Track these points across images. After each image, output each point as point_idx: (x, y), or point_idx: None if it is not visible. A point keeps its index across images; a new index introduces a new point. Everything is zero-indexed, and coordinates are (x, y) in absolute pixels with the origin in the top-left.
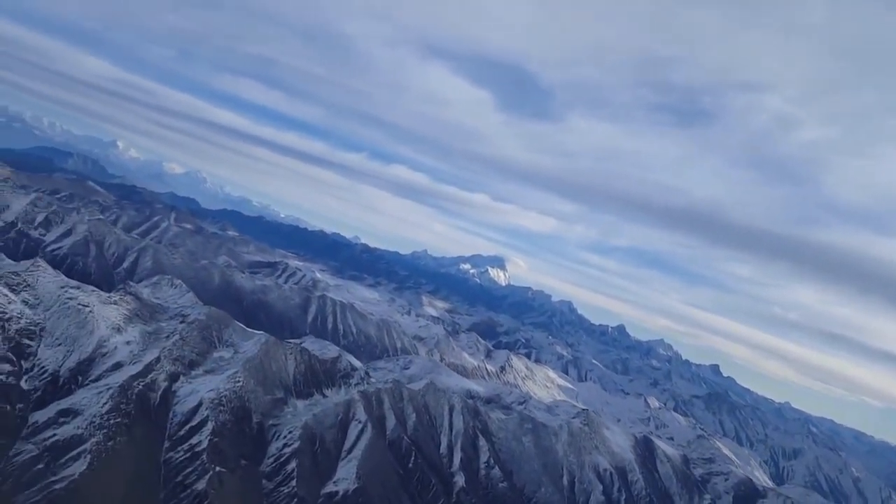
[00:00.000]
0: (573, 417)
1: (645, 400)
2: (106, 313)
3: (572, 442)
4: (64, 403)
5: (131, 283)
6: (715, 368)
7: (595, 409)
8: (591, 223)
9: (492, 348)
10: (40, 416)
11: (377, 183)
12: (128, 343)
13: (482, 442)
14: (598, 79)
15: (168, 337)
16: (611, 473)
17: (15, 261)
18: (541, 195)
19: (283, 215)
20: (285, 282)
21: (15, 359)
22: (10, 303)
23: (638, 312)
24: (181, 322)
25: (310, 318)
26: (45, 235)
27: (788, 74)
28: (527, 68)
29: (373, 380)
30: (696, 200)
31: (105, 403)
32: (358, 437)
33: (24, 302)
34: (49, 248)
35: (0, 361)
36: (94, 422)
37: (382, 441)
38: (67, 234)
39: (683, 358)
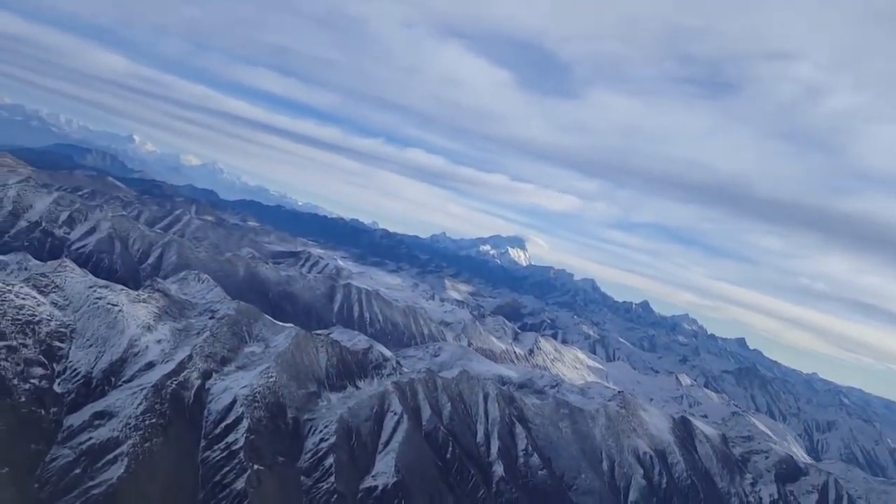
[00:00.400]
0: (609, 400)
1: (676, 377)
2: (135, 312)
3: (610, 426)
4: (98, 406)
5: (159, 280)
6: (741, 342)
7: (626, 388)
8: (613, 200)
9: (519, 331)
10: (75, 419)
11: (393, 168)
12: (159, 341)
13: (519, 429)
14: (620, 53)
15: (198, 334)
16: (651, 457)
17: (41, 261)
18: (561, 173)
19: (300, 203)
20: (309, 271)
21: (47, 362)
22: (39, 305)
23: (661, 288)
24: (210, 318)
25: (336, 308)
26: (69, 234)
27: (818, 41)
28: (547, 45)
29: (405, 370)
30: (722, 174)
31: (139, 404)
32: (394, 430)
33: (54, 303)
34: (74, 247)
35: (32, 365)
36: (129, 423)
37: (419, 432)
38: (91, 231)
39: (709, 332)
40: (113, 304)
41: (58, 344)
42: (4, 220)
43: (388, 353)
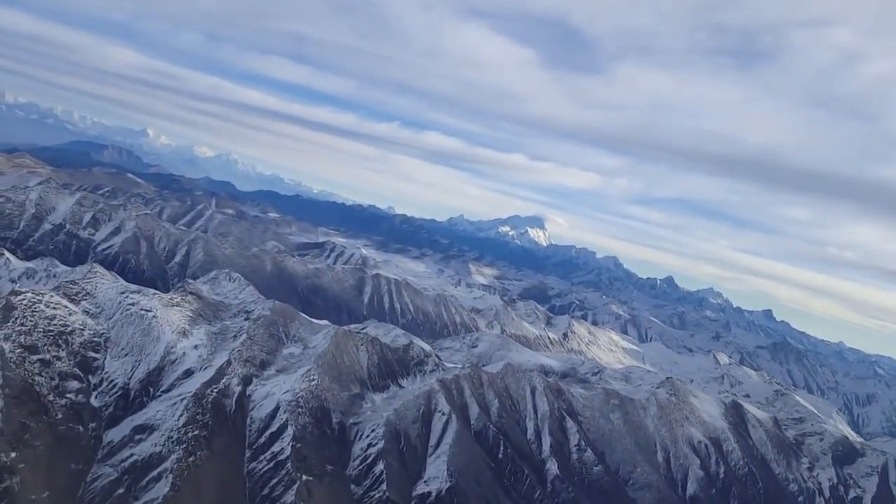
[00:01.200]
0: (657, 387)
1: (714, 356)
2: (169, 317)
3: (662, 415)
4: (138, 419)
5: (190, 281)
6: (768, 314)
7: (663, 370)
8: (636, 176)
9: (551, 315)
10: (115, 434)
11: (410, 152)
12: (195, 347)
13: (570, 423)
14: (649, 26)
15: (235, 337)
16: (706, 445)
17: (67, 264)
18: (582, 151)
19: (315, 191)
20: (334, 262)
21: (82, 374)
22: (70, 314)
23: (682, 262)
24: (246, 319)
25: (366, 299)
26: (94, 235)
27: (859, 5)
28: (573, 21)
29: (447, 365)
30: (751, 146)
31: (181, 416)
32: (443, 431)
33: (86, 312)
34: (99, 248)
35: (67, 379)
36: (171, 437)
37: (468, 432)
38: (116, 231)
39: (735, 305)
40: (146, 310)
41: (92, 354)
42: (28, 223)
43: (427, 347)
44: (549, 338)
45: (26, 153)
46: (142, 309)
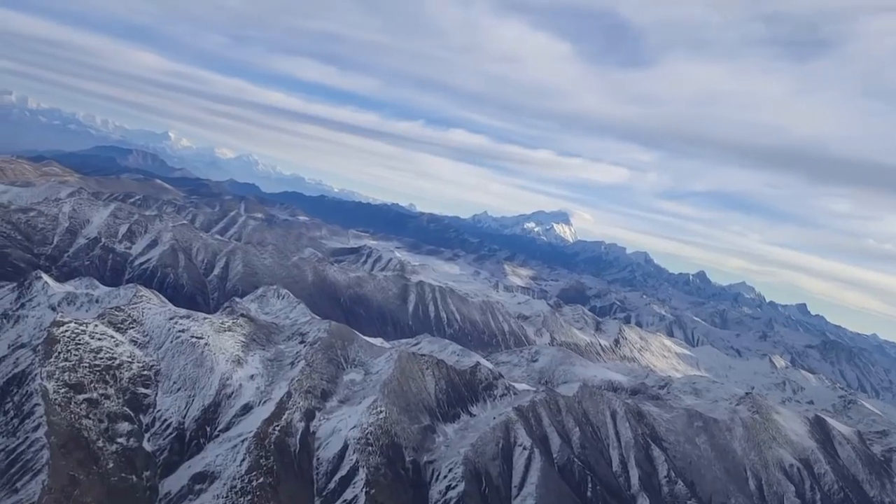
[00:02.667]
0: (737, 403)
1: (770, 359)
2: (222, 343)
3: (749, 436)
4: (196, 465)
5: (238, 301)
6: (802, 308)
7: (719, 376)
8: (667, 170)
9: (599, 319)
10: (172, 484)
11: (433, 149)
12: (251, 377)
13: (656, 451)
14: (701, 17)
15: (292, 364)
16: (798, 469)
17: (104, 280)
18: (614, 146)
19: (336, 190)
20: (371, 268)
21: (133, 414)
22: (117, 345)
23: (710, 255)
24: (301, 342)
25: (410, 309)
26: (130, 248)
27: None
28: (621, 13)
29: (518, 387)
30: (797, 138)
31: (243, 460)
32: (526, 468)
33: (133, 342)
34: (136, 262)
35: (117, 420)
36: (234, 486)
37: (552, 468)
38: (153, 244)
39: (768, 300)
40: (197, 338)
41: (142, 390)
42: (62, 238)
43: (493, 367)
44: (600, 345)
45: (53, 161)
46: (192, 336)
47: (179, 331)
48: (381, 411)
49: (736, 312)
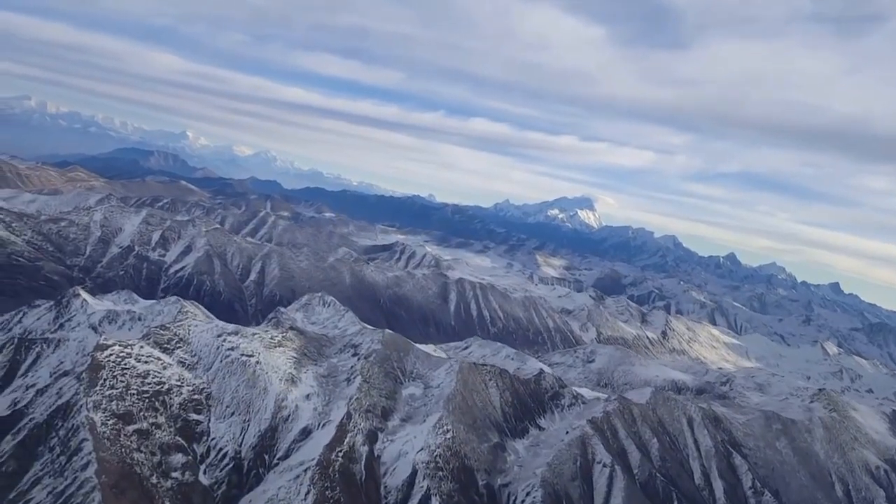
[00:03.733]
0: (811, 402)
1: (822, 346)
2: (274, 361)
3: (829, 437)
4: (258, 499)
5: (282, 311)
6: (835, 287)
7: (770, 365)
8: (698, 152)
9: (644, 311)
10: None
11: (453, 139)
12: (307, 397)
13: (737, 459)
14: None
15: (348, 380)
16: (885, 471)
17: (139, 290)
18: (643, 129)
19: (355, 183)
20: (405, 264)
21: (186, 444)
22: (165, 368)
23: (734, 236)
24: (354, 355)
25: (451, 308)
26: (164, 256)
27: None
28: None
29: (585, 395)
30: (839, 117)
31: (307, 493)
32: (609, 487)
33: (181, 363)
34: (171, 270)
35: (170, 452)
36: None
37: (634, 485)
38: (187, 251)
39: (799, 280)
40: (248, 356)
41: (194, 417)
42: (94, 248)
43: (548, 370)
44: (647, 338)
45: (78, 166)
46: (243, 354)
47: (229, 349)
48: (447, 430)
49: (774, 296)
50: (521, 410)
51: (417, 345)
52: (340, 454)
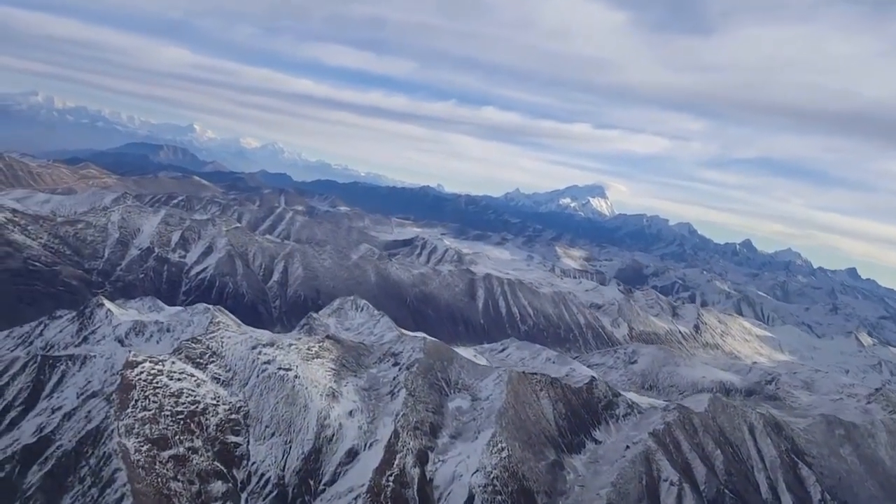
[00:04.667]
0: (867, 403)
1: (856, 338)
2: (312, 374)
3: (893, 442)
4: None
5: (314, 316)
6: (852, 272)
7: (804, 358)
8: (715, 138)
9: (674, 304)
10: None
11: (463, 129)
12: (351, 414)
13: (803, 469)
14: None
15: (391, 394)
16: None
17: (160, 294)
18: (659, 116)
19: (363, 174)
20: (427, 260)
21: (225, 470)
22: (199, 385)
23: (746, 221)
24: (394, 365)
25: (480, 306)
26: (184, 257)
27: None
28: None
29: (641, 404)
30: (868, 101)
31: None
32: None
33: (215, 379)
34: (193, 272)
35: (209, 479)
36: None
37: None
38: (208, 251)
39: (815, 266)
40: (285, 369)
41: (233, 439)
42: (113, 250)
43: (588, 373)
44: (680, 332)
45: (90, 163)
46: (280, 368)
47: (265, 362)
48: (502, 448)
49: (795, 284)
50: (575, 423)
51: (458, 350)
52: (391, 478)
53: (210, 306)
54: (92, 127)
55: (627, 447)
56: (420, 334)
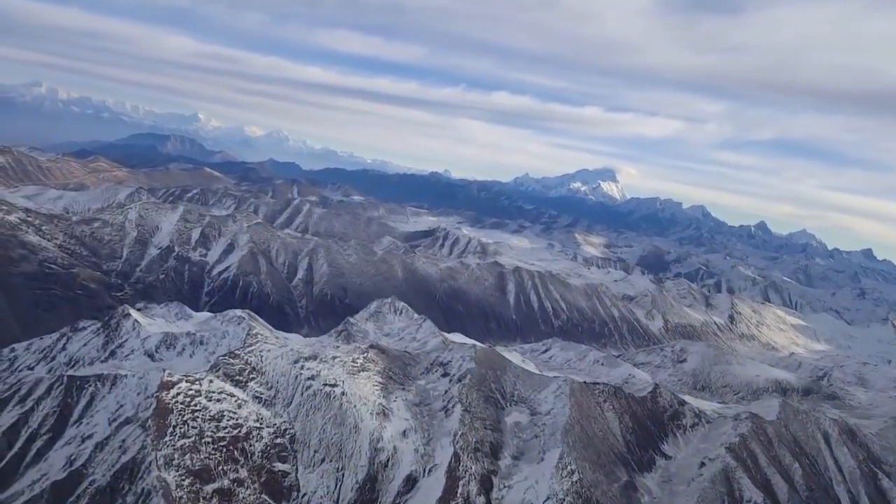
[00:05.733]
0: None
1: (892, 324)
2: (359, 389)
3: None
4: None
5: (352, 322)
6: (868, 253)
7: (841, 346)
8: (732, 119)
9: (707, 293)
10: None
11: (472, 113)
12: (404, 434)
13: (884, 481)
14: None
15: (445, 410)
16: None
17: (182, 296)
18: (675, 98)
19: (369, 161)
20: (450, 252)
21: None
22: (240, 406)
23: (756, 203)
24: (444, 376)
25: (511, 300)
26: (205, 256)
27: None
28: None
29: (707, 412)
30: (891, 81)
31: None
32: None
33: (257, 398)
34: (215, 272)
35: None
36: None
37: None
38: (230, 249)
39: (830, 248)
40: (331, 385)
41: (280, 466)
42: (131, 250)
43: (643, 377)
44: (715, 323)
45: (100, 156)
46: (326, 384)
47: (309, 378)
48: (572, 470)
49: (818, 267)
50: (643, 437)
51: (510, 357)
52: None
53: (243, 315)
54: (97, 118)
55: (703, 464)
56: (469, 341)
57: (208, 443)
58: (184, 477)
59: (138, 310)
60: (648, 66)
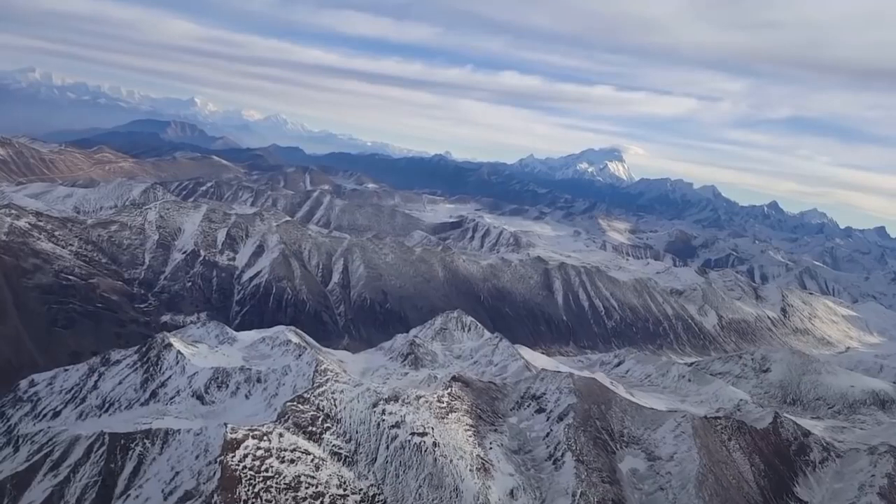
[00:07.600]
0: None
1: None
2: (452, 437)
3: None
4: None
5: (417, 343)
6: (881, 231)
7: (894, 337)
8: (749, 97)
9: (755, 284)
10: None
11: (477, 95)
12: (513, 496)
13: None
14: None
15: (553, 460)
16: None
17: (212, 306)
18: (691, 76)
19: (369, 143)
20: (481, 244)
21: None
22: (318, 467)
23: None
24: (539, 412)
25: (560, 300)
26: (234, 260)
27: None
28: None
29: (836, 446)
30: None
31: None
32: None
33: (336, 455)
34: (245, 278)
35: None
36: None
37: None
38: (259, 252)
39: (842, 226)
40: (420, 435)
41: None
42: (153, 255)
43: (740, 396)
44: (768, 317)
45: (103, 146)
46: (414, 433)
47: (393, 426)
48: None
49: (842, 249)
50: (774, 480)
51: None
52: None
53: (293, 337)
54: (94, 104)
55: None
56: (564, 368)
57: None
58: None
59: (168, 329)
60: (669, 43)
